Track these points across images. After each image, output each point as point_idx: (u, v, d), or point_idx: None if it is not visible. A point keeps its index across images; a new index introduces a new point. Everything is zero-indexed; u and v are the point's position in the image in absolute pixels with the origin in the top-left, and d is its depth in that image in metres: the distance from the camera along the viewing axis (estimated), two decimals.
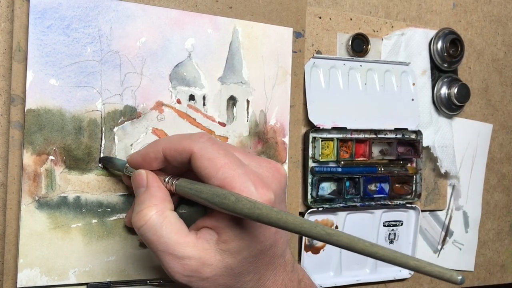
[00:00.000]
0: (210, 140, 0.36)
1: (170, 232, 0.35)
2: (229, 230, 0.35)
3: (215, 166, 0.35)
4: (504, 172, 0.68)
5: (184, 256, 0.35)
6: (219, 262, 0.35)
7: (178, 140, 0.37)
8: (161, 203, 0.36)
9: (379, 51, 0.58)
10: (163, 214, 0.36)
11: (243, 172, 0.35)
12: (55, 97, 0.41)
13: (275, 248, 0.37)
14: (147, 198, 0.36)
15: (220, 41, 0.47)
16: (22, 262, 0.40)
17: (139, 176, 0.38)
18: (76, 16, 0.42)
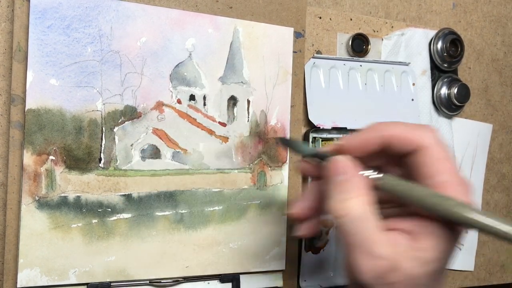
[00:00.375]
0: (440, 139, 0.35)
1: (371, 227, 0.33)
2: (430, 238, 0.33)
3: (441, 168, 0.33)
4: (504, 172, 0.68)
5: (379, 256, 0.32)
6: (406, 269, 0.33)
7: (407, 130, 0.35)
8: (364, 195, 0.34)
9: (379, 51, 0.58)
10: (366, 208, 0.33)
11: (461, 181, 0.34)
12: (55, 97, 0.41)
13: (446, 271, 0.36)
14: (349, 188, 0.34)
15: (220, 41, 0.47)
16: (22, 262, 0.40)
17: (341, 163, 0.35)
18: (76, 16, 0.42)
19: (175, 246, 0.46)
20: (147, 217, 0.44)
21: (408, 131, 0.35)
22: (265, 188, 0.49)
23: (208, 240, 0.47)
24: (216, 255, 0.47)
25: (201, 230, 0.46)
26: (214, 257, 0.47)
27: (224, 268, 0.48)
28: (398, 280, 0.33)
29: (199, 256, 0.47)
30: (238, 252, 0.48)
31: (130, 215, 0.44)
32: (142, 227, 0.44)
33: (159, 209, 0.45)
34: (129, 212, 0.44)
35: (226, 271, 0.48)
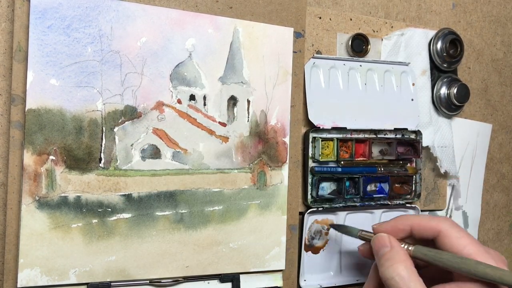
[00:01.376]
0: (454, 223, 0.44)
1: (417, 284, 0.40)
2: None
3: (462, 244, 0.42)
4: (503, 172, 0.68)
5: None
6: None
7: (427, 219, 0.44)
8: (407, 260, 0.42)
9: (379, 51, 0.58)
10: (411, 268, 0.41)
11: (484, 250, 0.41)
12: (56, 97, 0.41)
13: None
14: (394, 255, 0.43)
15: (220, 41, 0.47)
16: (23, 262, 0.40)
17: (383, 238, 0.45)
18: (76, 16, 0.42)
19: (175, 246, 0.46)
20: (147, 217, 0.44)
21: (428, 221, 0.44)
22: (265, 188, 0.49)
23: (208, 240, 0.47)
24: (216, 255, 0.47)
25: (201, 230, 0.47)
26: (214, 257, 0.47)
27: (224, 268, 0.48)
28: None
29: (199, 256, 0.47)
30: (238, 252, 0.48)
31: (130, 215, 0.44)
32: (142, 227, 0.44)
33: (159, 209, 0.45)
34: (129, 212, 0.44)
35: (226, 271, 0.48)
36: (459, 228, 0.43)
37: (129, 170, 0.44)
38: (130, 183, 0.44)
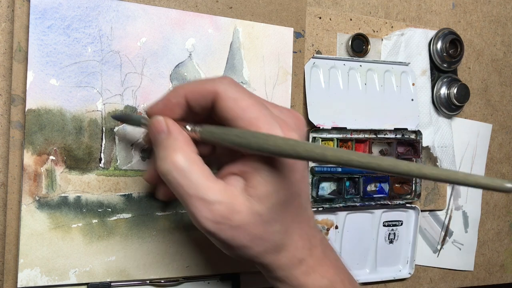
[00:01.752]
0: (234, 82, 0.35)
1: (200, 176, 0.34)
2: (257, 174, 0.34)
3: (241, 107, 0.34)
4: (503, 172, 0.68)
5: (214, 201, 0.34)
6: (248, 208, 0.34)
7: (201, 83, 0.36)
8: (187, 147, 0.35)
9: (379, 51, 0.58)
10: (191, 157, 0.35)
11: (268, 113, 0.34)
12: (56, 97, 0.41)
13: (300, 198, 0.36)
14: (171, 143, 0.35)
15: (220, 41, 0.47)
16: (23, 262, 0.40)
17: (158, 123, 0.36)
18: (76, 16, 0.42)
19: (175, 246, 0.46)
20: (147, 217, 0.44)
21: (202, 85, 0.35)
22: None
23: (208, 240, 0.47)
24: (216, 255, 0.47)
25: None
26: (214, 257, 0.47)
27: (224, 268, 0.48)
28: (242, 223, 0.34)
29: (199, 256, 0.47)
30: None
31: (130, 215, 0.44)
32: (142, 227, 0.44)
33: (159, 209, 0.45)
34: (129, 212, 0.44)
35: (226, 271, 0.48)
36: (240, 88, 0.35)
37: (129, 170, 0.44)
38: (130, 183, 0.44)
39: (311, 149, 0.30)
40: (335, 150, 0.30)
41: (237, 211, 0.34)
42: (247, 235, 0.35)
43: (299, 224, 0.37)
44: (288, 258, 0.37)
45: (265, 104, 0.35)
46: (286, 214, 0.36)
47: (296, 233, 0.37)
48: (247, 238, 0.35)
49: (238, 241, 0.35)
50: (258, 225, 0.35)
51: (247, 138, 0.33)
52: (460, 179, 0.27)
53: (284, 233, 0.36)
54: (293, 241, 0.37)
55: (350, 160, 0.29)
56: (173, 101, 0.36)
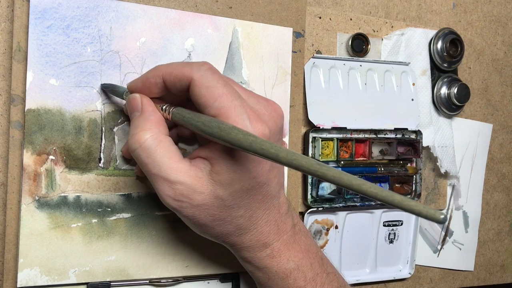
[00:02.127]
0: (211, 69, 0.36)
1: (164, 156, 0.36)
2: (221, 161, 0.35)
3: (213, 95, 0.35)
4: (504, 172, 0.68)
5: (175, 181, 0.35)
6: (211, 191, 0.36)
7: (179, 67, 0.36)
8: (156, 127, 0.36)
9: (379, 51, 0.58)
10: (158, 138, 0.36)
11: (239, 104, 0.35)
12: (55, 97, 0.41)
13: (268, 187, 0.38)
14: (141, 122, 0.37)
15: (220, 41, 0.47)
16: (22, 261, 0.40)
17: (134, 100, 0.38)
18: (76, 16, 0.42)
19: (175, 246, 0.46)
20: (147, 217, 0.45)
21: (179, 69, 0.36)
22: None
23: (208, 240, 0.47)
24: (216, 255, 0.47)
25: None
26: (214, 257, 0.47)
27: (224, 268, 0.48)
28: (203, 203, 0.36)
29: (199, 256, 0.47)
30: None
31: (130, 214, 0.44)
32: (142, 226, 0.44)
33: (158, 209, 0.45)
34: (129, 212, 0.44)
35: (226, 271, 0.48)
36: (216, 76, 0.35)
37: (128, 170, 0.44)
38: (129, 183, 0.44)
39: (266, 148, 0.31)
40: (289, 153, 0.30)
41: (199, 192, 0.36)
42: (208, 215, 0.37)
43: (266, 211, 0.39)
44: (252, 241, 0.39)
45: (240, 94, 0.36)
46: (251, 201, 0.37)
47: (262, 219, 0.39)
48: (209, 218, 0.37)
49: (200, 219, 0.37)
50: (220, 208, 0.37)
51: (211, 127, 0.33)
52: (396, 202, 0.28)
53: (248, 218, 0.38)
54: (258, 225, 0.39)
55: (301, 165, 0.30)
56: (151, 80, 0.38)
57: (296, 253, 0.40)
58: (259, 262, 0.40)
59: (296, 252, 0.40)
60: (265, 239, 0.39)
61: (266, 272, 0.40)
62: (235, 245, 0.40)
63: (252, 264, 0.40)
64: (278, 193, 0.39)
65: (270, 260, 0.39)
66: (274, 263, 0.39)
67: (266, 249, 0.39)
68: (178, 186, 0.36)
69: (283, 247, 0.40)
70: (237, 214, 0.37)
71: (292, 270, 0.40)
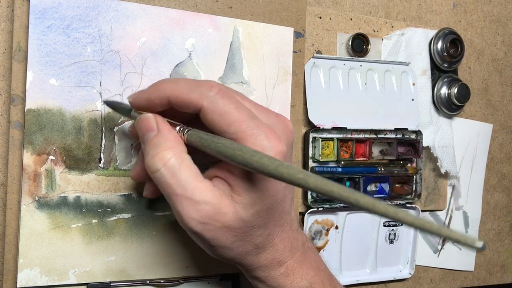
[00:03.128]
0: (220, 93, 0.34)
1: (189, 175, 0.34)
2: (241, 182, 0.34)
3: (227, 122, 0.33)
4: (504, 172, 0.68)
5: (201, 201, 0.34)
6: (233, 213, 0.34)
7: (186, 91, 0.35)
8: (177, 146, 0.35)
9: (379, 51, 0.58)
10: (181, 156, 0.34)
11: (255, 125, 0.33)
12: (55, 97, 0.41)
13: (283, 203, 0.37)
14: (161, 141, 0.35)
15: (220, 41, 0.47)
16: (22, 262, 0.40)
17: (148, 120, 0.36)
18: (76, 16, 0.41)
19: (175, 246, 0.45)
20: (147, 217, 0.44)
21: (187, 94, 0.35)
22: None
23: None
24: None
25: None
26: (214, 258, 0.47)
27: (224, 268, 0.48)
28: (227, 225, 0.35)
29: (199, 256, 0.46)
30: None
31: (130, 215, 0.44)
32: (142, 227, 0.44)
33: (159, 209, 0.45)
34: (129, 212, 0.44)
35: (226, 271, 0.48)
36: (226, 100, 0.34)
37: (128, 170, 0.44)
38: (130, 183, 0.44)
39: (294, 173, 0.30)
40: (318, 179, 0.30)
41: (223, 213, 0.34)
42: (230, 237, 0.35)
43: (281, 227, 0.38)
44: (267, 260, 0.38)
45: (253, 113, 0.35)
46: (269, 219, 0.36)
47: (277, 236, 0.38)
48: (230, 240, 0.35)
49: (221, 242, 0.35)
50: (243, 229, 0.35)
51: (234, 150, 0.32)
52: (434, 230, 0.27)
53: (266, 237, 0.37)
54: (274, 243, 0.37)
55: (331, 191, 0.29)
56: (155, 102, 0.36)
57: (308, 271, 0.39)
58: (273, 281, 0.38)
59: (308, 269, 0.39)
60: (280, 257, 0.38)
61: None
62: (250, 265, 0.38)
63: (266, 283, 0.39)
64: (290, 209, 0.38)
65: (284, 279, 0.38)
66: (288, 282, 0.38)
67: (281, 268, 0.38)
68: (204, 207, 0.34)
69: (296, 264, 0.39)
70: (257, 233, 0.36)
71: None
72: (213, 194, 0.34)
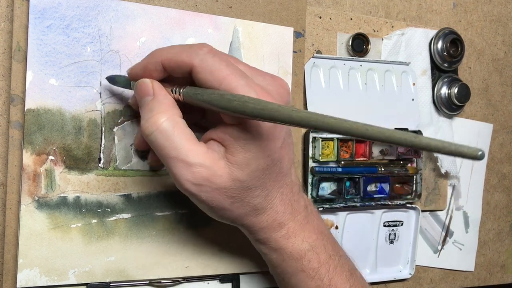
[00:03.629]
0: (211, 52, 0.35)
1: (182, 138, 0.35)
2: (235, 141, 0.35)
3: (217, 79, 0.34)
4: (504, 172, 0.68)
5: (196, 163, 0.35)
6: (228, 174, 0.35)
7: (178, 53, 0.36)
8: (170, 109, 0.36)
9: (379, 51, 0.58)
10: (174, 119, 0.35)
11: (245, 83, 0.34)
12: (55, 97, 0.41)
13: (281, 164, 0.37)
14: (156, 105, 0.36)
15: (220, 41, 0.47)
16: (22, 262, 0.40)
17: (144, 85, 0.37)
18: (76, 15, 0.41)
19: (175, 246, 0.45)
20: (147, 217, 0.44)
21: (178, 55, 0.36)
22: None
23: (208, 240, 0.47)
24: (216, 255, 0.47)
25: (201, 230, 0.46)
26: (214, 257, 0.47)
27: (224, 268, 0.48)
28: (222, 186, 0.35)
29: (199, 256, 0.46)
30: (238, 252, 0.48)
31: (129, 215, 0.44)
32: (141, 227, 0.44)
33: (158, 209, 0.45)
34: (129, 212, 0.44)
35: (226, 271, 0.48)
36: (217, 58, 0.35)
37: (128, 170, 0.44)
38: (129, 183, 0.44)
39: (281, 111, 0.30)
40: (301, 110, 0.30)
41: (218, 175, 0.35)
42: (228, 198, 0.36)
43: (280, 189, 0.38)
44: (268, 221, 0.39)
45: (244, 72, 0.36)
46: (266, 180, 0.37)
47: (277, 198, 0.38)
48: (228, 201, 0.36)
49: (219, 203, 0.36)
50: (239, 190, 0.36)
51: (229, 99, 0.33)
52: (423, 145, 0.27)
53: (264, 198, 0.37)
54: (274, 205, 0.38)
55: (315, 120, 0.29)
56: (150, 67, 0.37)
57: (310, 234, 0.40)
58: (275, 243, 0.39)
59: (310, 233, 0.40)
60: (280, 219, 0.39)
61: (281, 253, 0.40)
62: (251, 227, 0.39)
63: (267, 245, 0.40)
64: (290, 171, 0.39)
65: (285, 241, 0.39)
66: (289, 244, 0.39)
67: (282, 229, 0.39)
68: (198, 169, 0.35)
69: (298, 227, 0.39)
70: (254, 194, 0.37)
71: (306, 251, 0.39)
72: (207, 156, 0.35)
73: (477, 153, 0.26)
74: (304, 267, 0.39)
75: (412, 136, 0.27)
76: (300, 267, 0.40)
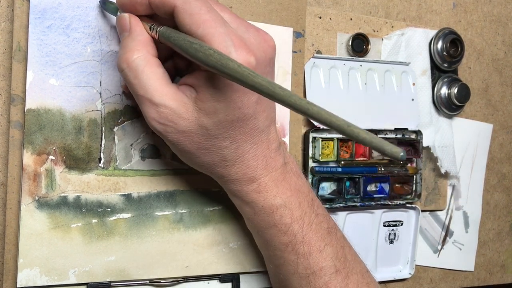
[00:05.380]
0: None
1: (151, 77, 0.35)
2: (206, 89, 0.35)
3: (196, 23, 0.34)
4: (504, 172, 0.68)
5: (160, 103, 0.35)
6: (195, 119, 0.36)
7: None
8: (143, 48, 0.36)
9: (379, 51, 0.58)
10: (146, 58, 0.36)
11: (224, 31, 0.34)
12: (55, 97, 0.41)
13: (255, 120, 0.37)
14: (129, 42, 0.36)
15: None
16: (22, 262, 0.40)
17: (122, 20, 0.37)
18: (76, 16, 0.42)
19: (175, 246, 0.45)
20: (147, 217, 0.44)
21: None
22: None
23: (208, 240, 0.47)
24: (216, 255, 0.47)
25: (201, 230, 0.46)
26: (214, 257, 0.47)
27: (224, 268, 0.48)
28: (187, 129, 0.36)
29: (199, 256, 0.47)
30: (238, 252, 0.48)
31: (129, 215, 0.44)
32: (142, 227, 0.44)
33: (158, 209, 0.45)
34: (129, 212, 0.44)
35: (226, 271, 0.48)
36: (200, 2, 0.34)
37: (128, 170, 0.44)
38: (129, 183, 0.44)
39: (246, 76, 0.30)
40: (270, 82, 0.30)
41: (184, 118, 0.36)
42: (193, 143, 0.37)
43: (254, 145, 0.38)
44: (238, 174, 0.39)
45: (225, 21, 0.35)
46: (236, 133, 0.37)
47: (249, 153, 0.38)
48: (194, 146, 0.37)
49: (184, 146, 0.37)
50: (205, 136, 0.36)
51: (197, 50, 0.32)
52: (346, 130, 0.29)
53: (234, 150, 0.38)
54: (245, 159, 0.38)
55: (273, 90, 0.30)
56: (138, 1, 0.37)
57: (284, 191, 0.40)
58: (246, 196, 0.40)
59: (285, 189, 0.40)
60: (251, 173, 0.39)
61: (253, 206, 0.40)
62: (222, 177, 0.40)
63: (239, 198, 0.40)
64: (268, 129, 0.39)
65: (256, 195, 0.39)
66: (261, 198, 0.39)
67: (253, 184, 0.39)
68: (163, 109, 0.35)
69: (271, 183, 0.39)
70: (222, 145, 0.37)
71: (278, 206, 0.39)
72: (175, 97, 0.35)
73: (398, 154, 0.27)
74: (276, 222, 0.40)
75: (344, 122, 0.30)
76: (272, 222, 0.40)
